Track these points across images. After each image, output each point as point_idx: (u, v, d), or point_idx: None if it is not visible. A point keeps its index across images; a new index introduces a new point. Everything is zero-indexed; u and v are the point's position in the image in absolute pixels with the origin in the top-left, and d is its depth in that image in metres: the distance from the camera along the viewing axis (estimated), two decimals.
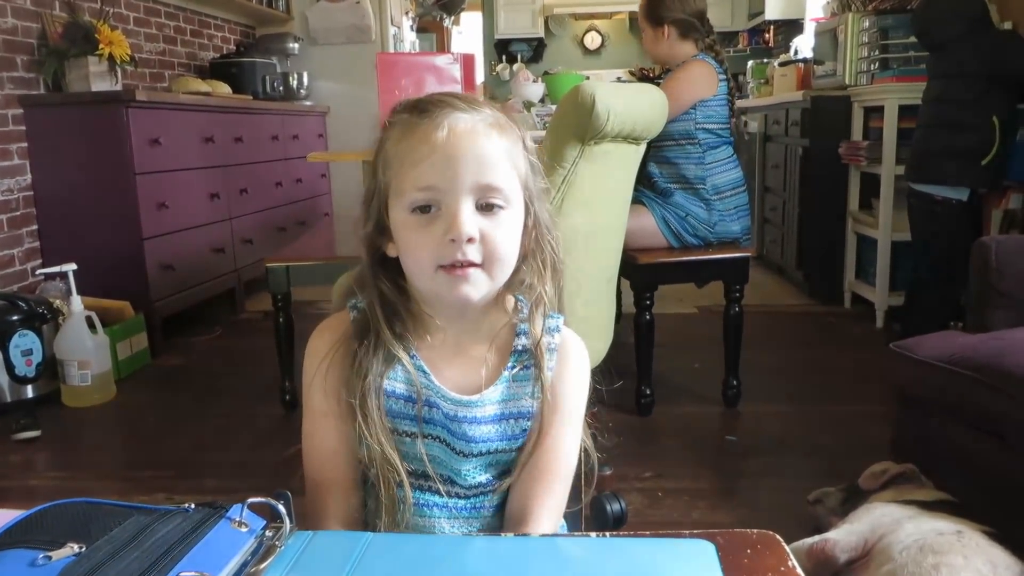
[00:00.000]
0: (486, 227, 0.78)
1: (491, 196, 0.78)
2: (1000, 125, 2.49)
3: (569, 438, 0.86)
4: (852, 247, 3.75)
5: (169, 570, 0.57)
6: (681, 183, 2.60)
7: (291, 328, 2.50)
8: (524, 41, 8.44)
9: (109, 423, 2.69)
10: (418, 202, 0.78)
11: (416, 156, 0.78)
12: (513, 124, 0.84)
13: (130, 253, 3.16)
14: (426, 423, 0.83)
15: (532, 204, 0.84)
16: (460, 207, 0.77)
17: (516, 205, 0.81)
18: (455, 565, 0.64)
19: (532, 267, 0.86)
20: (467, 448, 0.83)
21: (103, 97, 3.16)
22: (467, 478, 0.84)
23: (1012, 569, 1.25)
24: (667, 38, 2.71)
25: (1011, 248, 1.80)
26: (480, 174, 0.77)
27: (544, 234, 0.86)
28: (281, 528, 0.67)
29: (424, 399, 0.82)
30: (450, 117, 0.78)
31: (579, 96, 1.63)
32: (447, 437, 0.83)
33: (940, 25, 2.65)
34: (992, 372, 1.50)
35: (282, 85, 4.72)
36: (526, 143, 0.85)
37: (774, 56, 5.83)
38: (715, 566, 0.63)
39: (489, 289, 0.81)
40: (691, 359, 3.03)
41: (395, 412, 0.83)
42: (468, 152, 0.77)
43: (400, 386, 0.83)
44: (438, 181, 0.77)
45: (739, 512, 1.94)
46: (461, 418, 0.82)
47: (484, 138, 0.79)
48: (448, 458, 0.84)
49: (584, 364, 0.90)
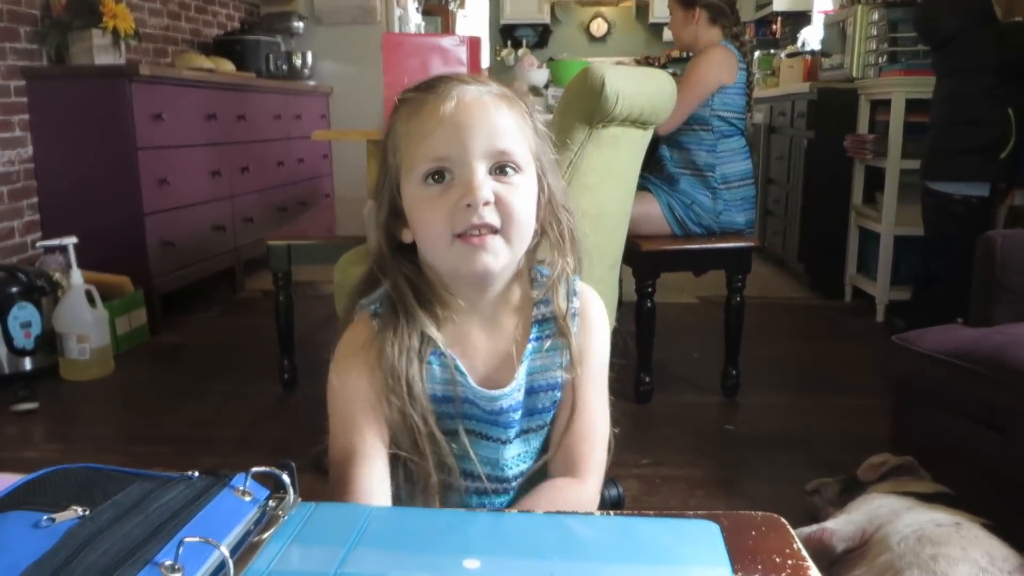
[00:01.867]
0: (501, 190, 0.78)
1: (503, 159, 0.78)
2: (1016, 117, 2.48)
3: (601, 398, 0.88)
4: (854, 241, 3.74)
5: (172, 536, 0.57)
6: (690, 169, 2.59)
7: (291, 307, 2.49)
8: (530, 27, 8.41)
9: (107, 397, 2.68)
10: (431, 170, 0.78)
11: (426, 129, 0.78)
12: (520, 98, 0.84)
13: (130, 228, 3.15)
14: (466, 418, 0.83)
15: (545, 176, 0.84)
16: (474, 170, 0.77)
17: (529, 173, 0.81)
18: (459, 540, 0.64)
19: (551, 239, 0.85)
20: (505, 434, 0.83)
21: (106, 71, 3.14)
22: (510, 467, 0.85)
23: (1010, 561, 1.24)
24: (696, 21, 2.69)
25: (1017, 243, 1.79)
26: (492, 139, 0.77)
27: (559, 206, 0.85)
28: (285, 498, 0.67)
29: (460, 397, 0.83)
30: (457, 89, 0.79)
31: (588, 78, 1.61)
32: (487, 429, 0.84)
33: (945, 21, 2.63)
34: (994, 366, 1.50)
35: (286, 64, 4.69)
36: (534, 117, 0.85)
37: (781, 47, 5.80)
38: (720, 546, 0.62)
39: (509, 258, 0.80)
40: (691, 348, 3.03)
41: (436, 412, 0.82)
42: (478, 119, 0.77)
43: (438, 388, 0.82)
44: (450, 150, 0.77)
45: (736, 501, 1.95)
46: (499, 410, 0.83)
47: (493, 108, 0.79)
48: (490, 452, 0.84)
49: (605, 322, 0.90)
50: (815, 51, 4.56)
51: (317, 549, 0.62)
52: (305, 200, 4.67)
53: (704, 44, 2.69)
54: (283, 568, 0.59)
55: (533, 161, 0.82)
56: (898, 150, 3.28)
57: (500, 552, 0.62)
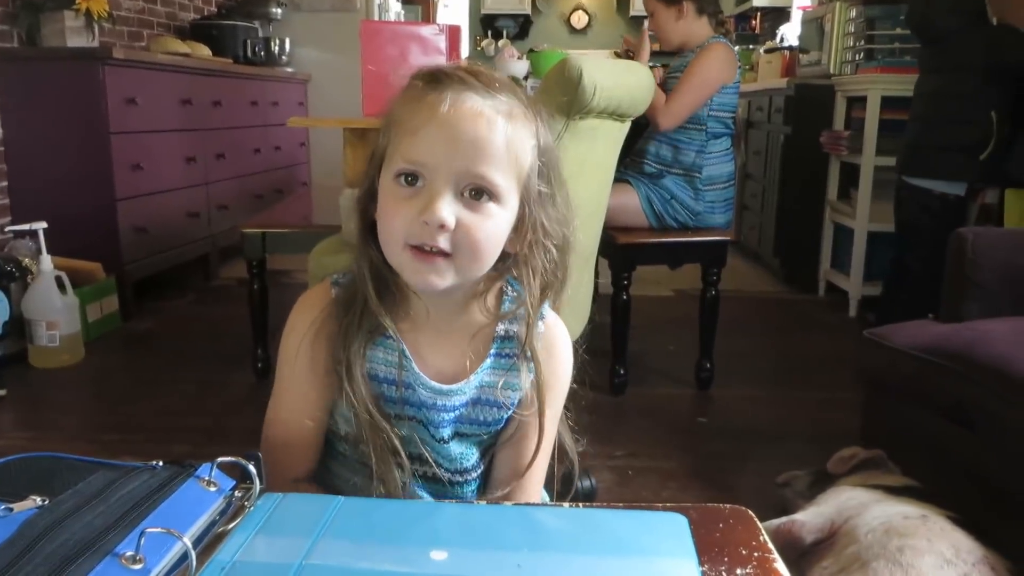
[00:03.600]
0: (467, 218, 0.74)
1: (480, 184, 0.74)
2: (998, 119, 2.50)
3: (553, 424, 0.87)
4: (829, 236, 3.77)
5: (135, 526, 0.56)
6: (675, 168, 2.58)
7: (265, 295, 2.47)
8: (510, 17, 8.36)
9: (77, 385, 2.65)
10: (405, 171, 0.75)
11: (413, 124, 0.74)
12: (529, 116, 0.78)
13: (103, 214, 3.10)
14: (407, 404, 0.82)
15: (530, 206, 0.78)
16: (442, 190, 0.73)
17: (508, 203, 0.76)
18: (427, 531, 0.64)
19: (521, 271, 0.81)
20: (438, 434, 0.83)
21: (79, 53, 3.09)
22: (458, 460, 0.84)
23: (974, 553, 1.26)
24: (685, 16, 2.63)
25: (988, 240, 1.81)
26: (473, 161, 0.73)
27: (540, 241, 0.80)
28: (251, 489, 0.66)
29: (404, 382, 0.81)
30: (459, 94, 0.74)
31: (566, 70, 1.61)
32: (424, 421, 0.83)
33: (941, 19, 2.64)
34: (964, 362, 1.52)
35: (264, 50, 4.64)
36: (541, 140, 0.79)
37: (760, 43, 5.83)
38: (687, 539, 0.63)
39: (456, 281, 0.77)
40: (665, 341, 3.04)
41: (376, 393, 0.82)
42: (465, 134, 0.73)
43: (381, 369, 0.82)
44: (428, 157, 0.73)
45: (708, 492, 1.96)
46: (439, 406, 0.82)
47: (487, 124, 0.74)
48: (428, 440, 0.84)
49: (568, 352, 0.88)
50: (793, 47, 4.58)
51: (283, 540, 0.62)
52: (281, 188, 4.63)
53: (697, 40, 2.64)
54: (248, 559, 0.59)
55: (517, 189, 0.77)
56: (873, 147, 3.31)
57: (467, 544, 0.62)
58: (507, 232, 0.78)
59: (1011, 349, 1.48)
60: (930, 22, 2.68)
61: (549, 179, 0.80)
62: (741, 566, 0.59)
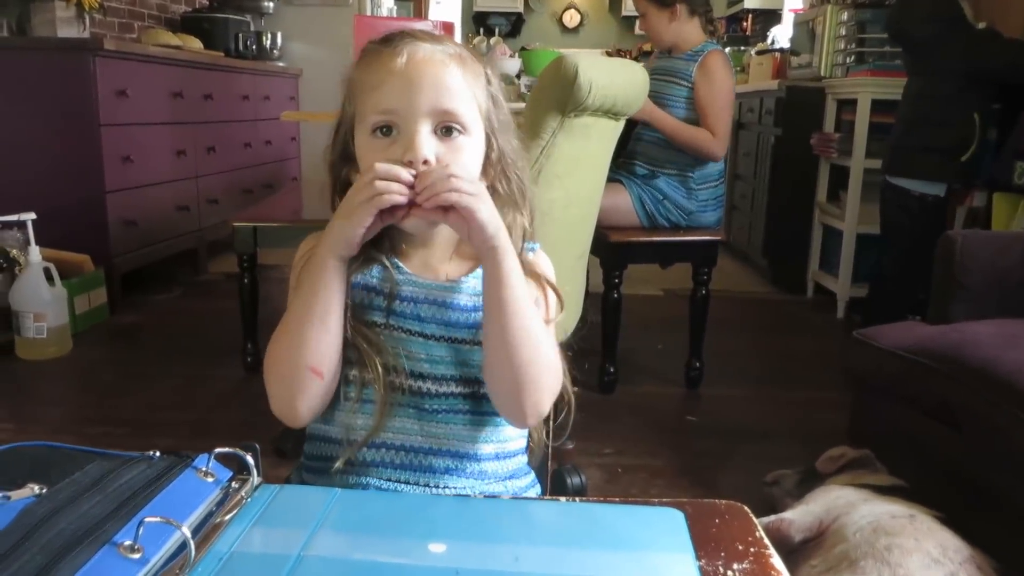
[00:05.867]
0: (443, 152, 0.79)
1: (448, 120, 0.80)
2: (980, 122, 2.52)
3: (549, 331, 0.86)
4: (818, 237, 3.79)
5: (132, 516, 0.56)
6: (668, 167, 2.59)
7: (255, 290, 2.46)
8: (503, 15, 8.37)
9: (64, 377, 2.63)
10: (378, 123, 0.80)
11: (376, 80, 0.80)
12: (476, 59, 0.86)
13: (92, 206, 3.09)
14: (396, 315, 0.83)
15: (494, 136, 0.86)
16: (417, 129, 0.78)
17: (476, 134, 0.83)
18: (425, 523, 0.64)
19: (501, 197, 0.86)
20: (438, 331, 0.83)
21: (70, 44, 3.07)
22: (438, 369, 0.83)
23: (961, 552, 1.28)
24: (678, 18, 2.63)
25: (975, 243, 1.83)
26: (437, 99, 0.79)
27: (509, 165, 0.87)
28: (248, 480, 0.66)
29: (395, 292, 0.83)
30: (411, 46, 0.81)
31: (562, 67, 1.61)
32: (416, 325, 0.83)
33: (916, 26, 2.67)
34: (950, 363, 1.53)
35: (255, 44, 4.62)
36: (490, 78, 0.87)
37: (751, 44, 5.85)
38: (684, 533, 0.63)
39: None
40: (655, 340, 3.05)
41: (365, 303, 0.84)
42: (425, 78, 0.79)
43: (372, 278, 0.84)
44: (396, 105, 0.79)
45: (696, 491, 1.97)
46: (432, 300, 0.83)
47: (442, 67, 0.81)
48: (418, 347, 0.83)
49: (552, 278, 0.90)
50: (784, 49, 4.60)
51: (280, 531, 0.62)
52: (272, 182, 4.61)
53: (689, 42, 2.65)
54: (245, 550, 0.59)
55: (482, 121, 0.84)
56: (863, 150, 3.33)
57: (465, 536, 0.62)
58: (480, 161, 0.85)
59: (997, 351, 1.50)
60: (906, 31, 2.72)
61: (502, 110, 0.88)
62: (738, 561, 0.59)
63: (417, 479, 0.82)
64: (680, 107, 2.61)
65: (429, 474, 0.82)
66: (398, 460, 0.82)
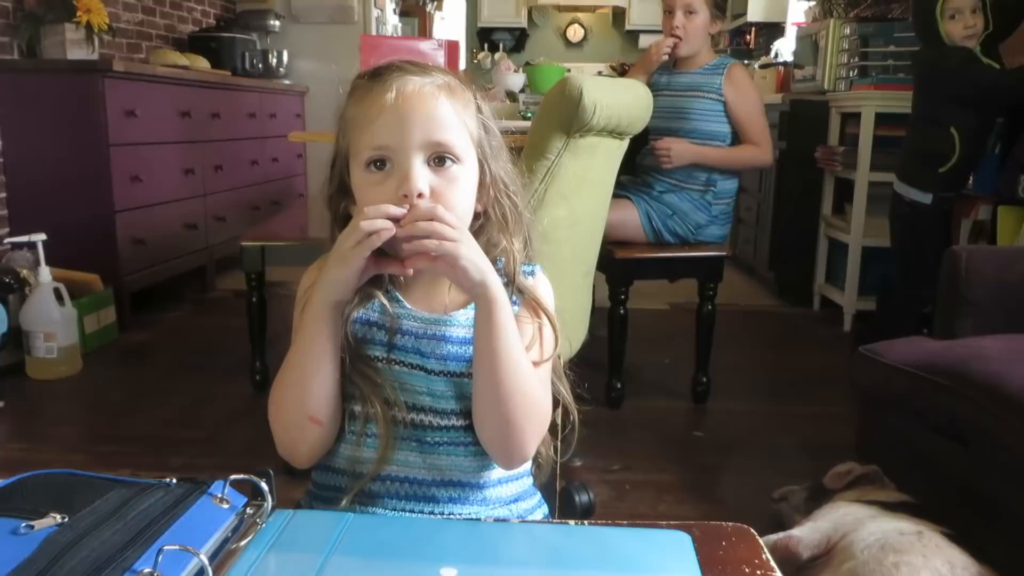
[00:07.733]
0: (437, 183, 0.81)
1: (441, 151, 0.81)
2: (960, 137, 2.54)
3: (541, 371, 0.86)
4: (823, 250, 3.80)
5: (151, 543, 0.57)
6: (689, 183, 2.60)
7: (264, 307, 2.48)
8: (507, 30, 8.41)
9: (74, 397, 2.65)
10: (372, 158, 0.81)
11: (367, 117, 0.82)
12: (465, 87, 0.87)
13: (101, 225, 3.12)
14: (397, 349, 0.84)
15: (487, 162, 0.87)
16: (411, 163, 0.80)
17: (469, 162, 0.84)
18: (436, 547, 0.65)
19: (494, 223, 0.87)
20: (438, 366, 0.83)
21: (79, 66, 3.11)
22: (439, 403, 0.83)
23: (969, 570, 1.28)
24: (714, 29, 2.69)
25: (981, 258, 1.84)
26: (428, 132, 0.81)
27: (502, 190, 0.88)
28: (263, 506, 0.67)
29: (396, 327, 0.84)
30: (399, 80, 0.82)
31: (566, 88, 1.63)
32: (417, 359, 0.83)
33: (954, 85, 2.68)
34: (957, 378, 1.53)
35: (261, 62, 4.66)
36: (480, 106, 0.88)
37: (755, 58, 5.87)
38: (691, 557, 0.64)
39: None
40: (662, 355, 3.06)
41: (366, 338, 0.84)
42: (416, 111, 0.81)
43: (372, 313, 0.85)
44: (389, 140, 0.80)
45: (704, 507, 1.97)
46: (431, 335, 0.83)
47: (432, 99, 0.82)
48: (419, 381, 0.83)
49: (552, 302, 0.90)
50: (788, 63, 4.62)
51: (295, 556, 0.63)
52: (278, 199, 4.64)
53: (705, 55, 2.68)
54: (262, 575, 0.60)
55: (474, 148, 0.85)
56: (867, 163, 3.33)
57: (477, 560, 0.63)
58: (474, 189, 0.86)
59: (1004, 366, 1.50)
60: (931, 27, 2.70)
61: (494, 136, 0.89)
62: None
63: (422, 508, 0.83)
64: (710, 120, 2.62)
65: (433, 503, 0.83)
66: (403, 491, 0.83)
